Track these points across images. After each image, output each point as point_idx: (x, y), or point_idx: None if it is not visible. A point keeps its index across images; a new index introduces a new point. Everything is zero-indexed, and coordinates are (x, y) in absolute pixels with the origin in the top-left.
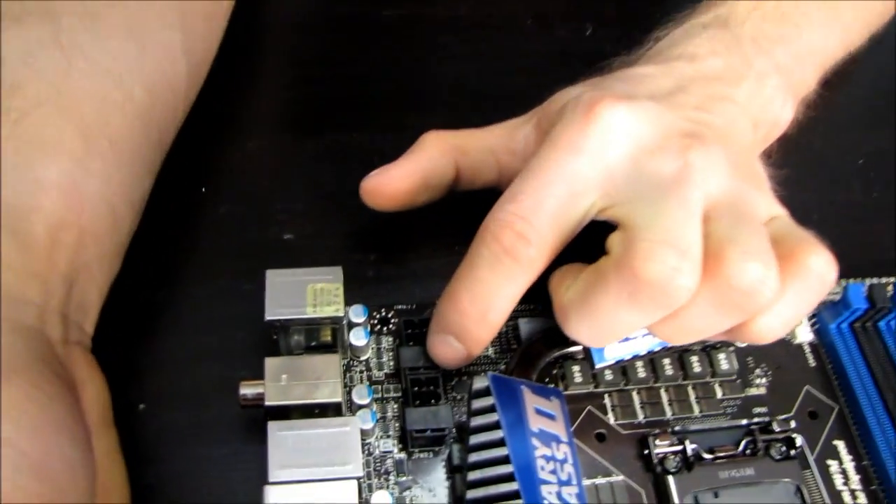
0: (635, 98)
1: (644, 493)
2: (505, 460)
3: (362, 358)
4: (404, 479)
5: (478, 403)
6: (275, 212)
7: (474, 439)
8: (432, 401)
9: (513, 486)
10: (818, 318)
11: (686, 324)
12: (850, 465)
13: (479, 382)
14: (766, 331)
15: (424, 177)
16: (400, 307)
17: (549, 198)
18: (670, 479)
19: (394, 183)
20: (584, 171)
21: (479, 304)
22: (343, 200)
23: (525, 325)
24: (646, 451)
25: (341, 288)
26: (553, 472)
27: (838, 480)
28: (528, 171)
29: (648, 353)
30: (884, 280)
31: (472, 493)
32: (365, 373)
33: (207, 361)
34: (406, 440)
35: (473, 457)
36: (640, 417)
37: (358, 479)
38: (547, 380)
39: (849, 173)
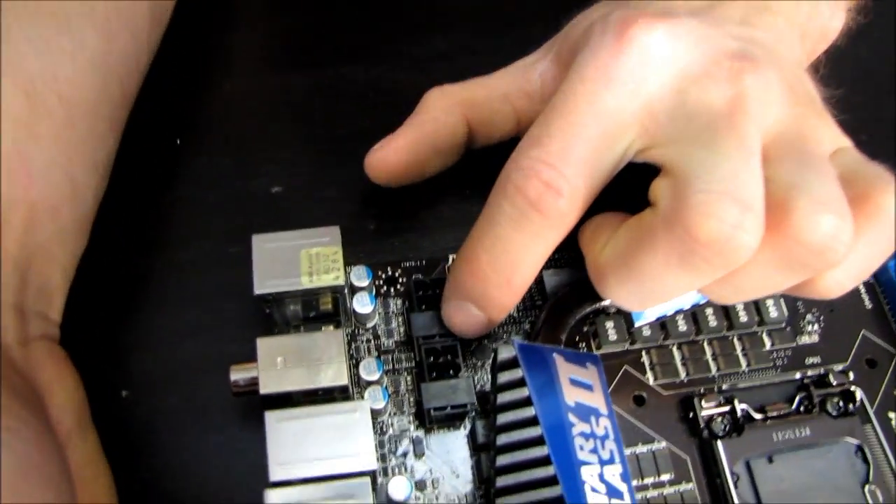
0: (674, 15)
1: (689, 460)
2: (538, 441)
3: (368, 325)
4: (423, 459)
5: (504, 377)
6: (260, 162)
7: (502, 418)
8: (451, 371)
9: (548, 471)
10: None
11: (744, 284)
12: None
13: (505, 352)
14: (835, 287)
15: (432, 142)
16: (407, 264)
17: (579, 140)
18: (719, 443)
19: (397, 155)
20: (620, 105)
21: (502, 267)
22: (337, 145)
23: (550, 278)
24: (690, 414)
25: (340, 252)
26: (594, 450)
27: None
28: (553, 109)
29: (694, 306)
30: None
31: (502, 480)
32: (372, 342)
33: (195, 338)
34: (423, 417)
35: (503, 438)
36: (682, 376)
37: (372, 472)
38: (577, 339)
39: None
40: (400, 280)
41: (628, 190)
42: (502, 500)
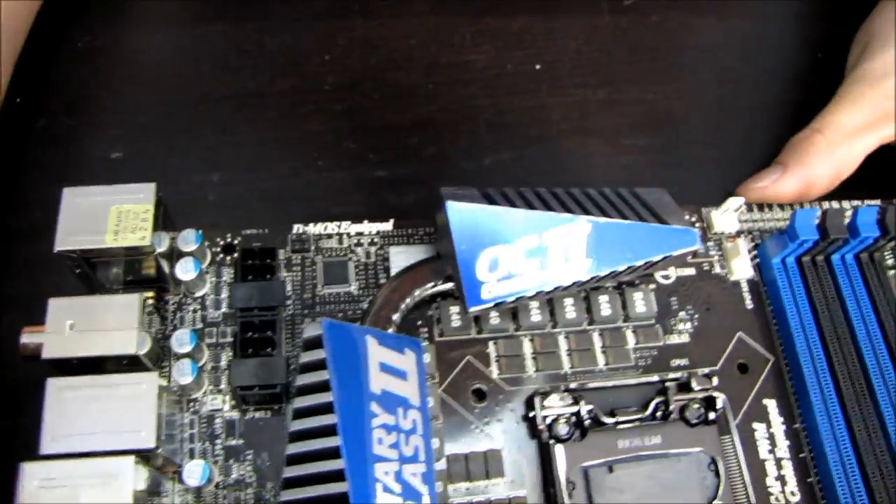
0: None
1: (526, 463)
2: (333, 430)
3: (197, 294)
4: (235, 442)
5: (308, 357)
6: (104, 124)
7: (299, 402)
8: (268, 349)
9: (338, 464)
10: (760, 250)
11: None
12: (779, 428)
13: (311, 330)
14: None
15: None
16: (248, 232)
17: None
18: (556, 448)
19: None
20: None
21: None
22: (190, 107)
23: (397, 255)
24: (531, 413)
25: (151, 210)
26: (394, 445)
27: (763, 447)
28: None
29: (538, 293)
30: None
31: (291, 471)
32: (199, 312)
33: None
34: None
35: (296, 425)
36: (531, 371)
37: (148, 451)
38: (420, 322)
39: None
40: (238, 248)
41: None
42: (287, 493)
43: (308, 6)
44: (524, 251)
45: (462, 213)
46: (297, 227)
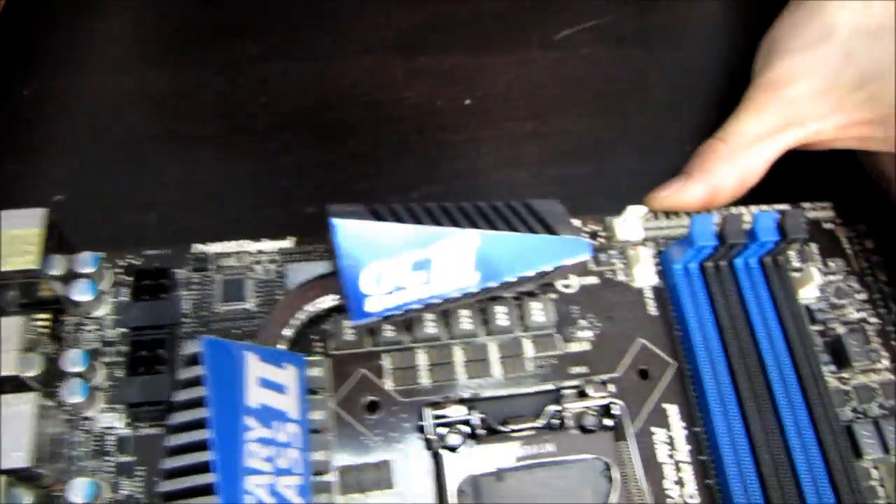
0: None
1: (418, 474)
2: (207, 445)
3: (94, 314)
4: (127, 459)
5: (187, 373)
6: (47, 168)
7: (176, 418)
8: (157, 367)
9: (212, 478)
10: (662, 257)
11: None
12: (680, 432)
13: (190, 347)
14: None
15: None
16: (151, 252)
17: None
18: (445, 457)
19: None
20: None
21: None
22: (131, 149)
23: (294, 272)
24: (421, 424)
25: (40, 235)
26: (269, 458)
27: (663, 451)
28: None
29: (426, 305)
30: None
31: (166, 485)
32: (97, 332)
33: None
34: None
35: (173, 440)
36: (426, 382)
37: (22, 471)
38: (315, 337)
39: None
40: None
41: None
42: None
43: (245, 51)
44: (410, 264)
45: (347, 230)
46: (196, 247)
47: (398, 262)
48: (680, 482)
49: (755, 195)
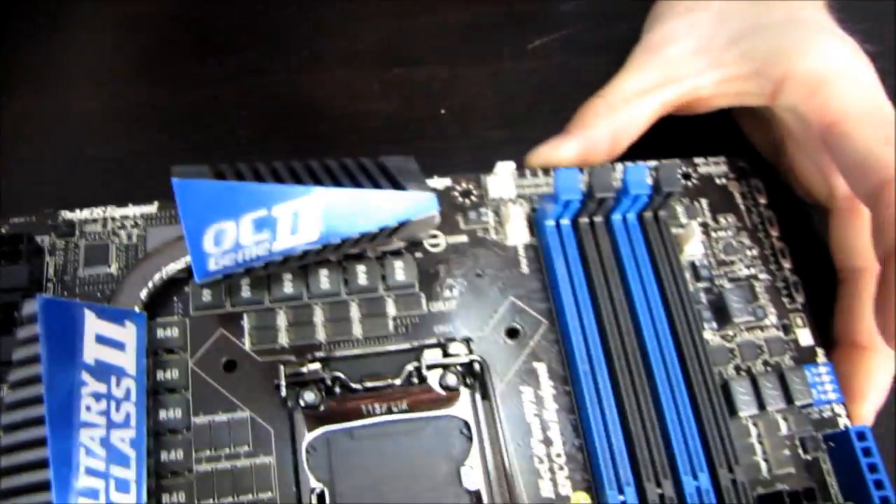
0: None
1: (273, 431)
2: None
3: None
4: None
5: (24, 332)
6: (26, 184)
7: (15, 375)
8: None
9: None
10: (536, 215)
11: None
12: (549, 391)
13: (28, 306)
14: None
15: None
16: (16, 220)
17: None
18: (297, 415)
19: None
20: None
21: None
22: (111, 163)
23: (155, 235)
24: (276, 382)
25: None
26: (104, 412)
27: (530, 410)
28: None
29: (268, 263)
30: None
31: (5, 438)
32: None
33: None
34: None
35: (10, 396)
36: (284, 341)
37: None
38: (175, 298)
39: None
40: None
41: None
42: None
43: (223, 66)
44: (251, 223)
45: (188, 189)
46: (64, 214)
47: (240, 221)
48: (546, 441)
49: (649, 154)
